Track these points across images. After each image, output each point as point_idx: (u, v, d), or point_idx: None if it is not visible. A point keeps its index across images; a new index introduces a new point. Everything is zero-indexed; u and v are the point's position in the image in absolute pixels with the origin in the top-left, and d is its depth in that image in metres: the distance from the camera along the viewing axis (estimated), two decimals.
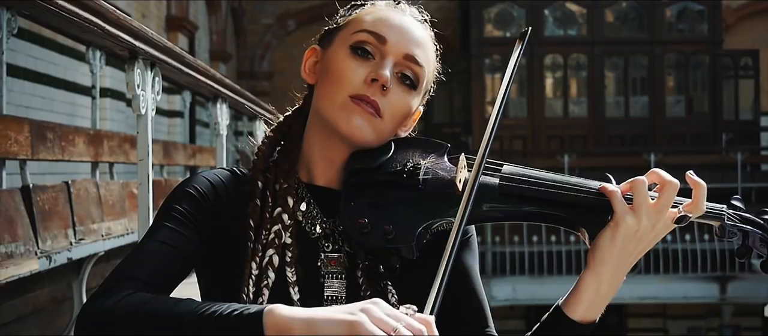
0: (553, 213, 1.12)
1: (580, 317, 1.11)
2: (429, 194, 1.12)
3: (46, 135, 3.80)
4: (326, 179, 1.20)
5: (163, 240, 1.10)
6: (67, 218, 3.68)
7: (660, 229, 1.10)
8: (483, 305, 1.21)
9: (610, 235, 1.09)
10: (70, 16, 1.81)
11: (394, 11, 1.21)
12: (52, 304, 4.01)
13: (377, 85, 1.14)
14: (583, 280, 1.12)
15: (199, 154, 7.79)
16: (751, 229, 1.13)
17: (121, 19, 2.16)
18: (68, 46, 6.72)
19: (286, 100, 1.17)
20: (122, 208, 4.45)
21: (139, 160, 2.61)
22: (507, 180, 1.12)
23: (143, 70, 2.44)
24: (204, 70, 3.44)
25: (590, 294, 1.11)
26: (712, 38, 13.01)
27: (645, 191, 1.08)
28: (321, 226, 1.17)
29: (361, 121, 1.15)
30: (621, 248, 1.09)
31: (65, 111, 6.91)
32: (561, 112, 13.09)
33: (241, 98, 4.47)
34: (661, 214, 1.08)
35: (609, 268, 1.10)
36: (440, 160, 1.18)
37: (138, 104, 2.45)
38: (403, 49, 1.17)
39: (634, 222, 1.08)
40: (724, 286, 10.89)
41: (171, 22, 10.20)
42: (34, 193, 3.35)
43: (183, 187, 1.18)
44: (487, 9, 12.88)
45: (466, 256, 1.22)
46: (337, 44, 1.20)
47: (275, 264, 1.12)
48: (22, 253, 3.13)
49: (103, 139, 4.75)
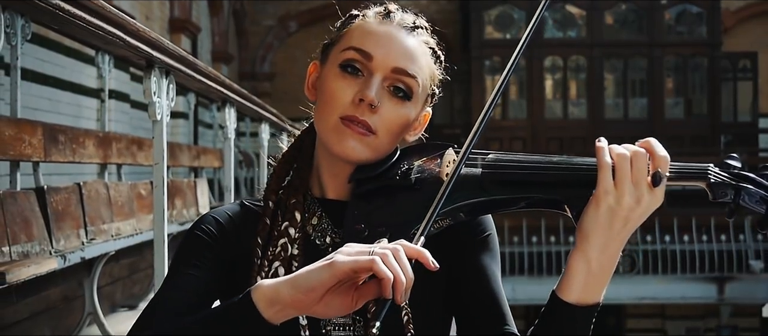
0: (537, 195, 1.10)
1: (576, 300, 1.06)
2: (421, 193, 1.13)
3: (58, 137, 3.91)
4: (337, 193, 1.22)
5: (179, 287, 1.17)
6: (79, 219, 3.78)
7: (648, 203, 1.04)
8: (501, 303, 1.20)
9: (593, 213, 1.05)
10: (95, 29, 1.91)
11: (382, 23, 1.20)
12: (63, 302, 4.11)
13: (364, 104, 1.14)
14: (572, 260, 1.07)
15: (203, 155, 7.88)
16: (743, 186, 1.04)
17: (141, 31, 2.26)
18: (74, 48, 6.82)
19: (287, 101, 1.23)
20: (131, 209, 4.55)
21: (154, 164, 2.71)
22: (489, 167, 1.11)
23: (159, 78, 2.54)
24: (214, 77, 3.55)
25: (581, 275, 1.06)
26: (710, 41, 13.07)
27: (627, 167, 1.03)
28: (330, 237, 1.20)
29: (353, 143, 1.15)
30: (606, 226, 1.05)
31: (71, 113, 7.00)
32: (560, 113, 13.17)
33: (247, 102, 4.57)
34: (640, 187, 1.03)
35: (596, 247, 1.05)
36: (436, 158, 1.18)
37: (154, 110, 2.55)
38: (391, 63, 1.16)
39: (614, 199, 1.04)
40: (722, 287, 10.95)
41: (174, 24, 10.29)
42: (48, 194, 3.45)
43: (192, 231, 1.22)
44: (488, 11, 12.96)
45: (483, 256, 1.22)
46: (330, 62, 1.20)
47: (280, 276, 1.14)
48: (38, 253, 3.23)
49: (112, 142, 4.85)
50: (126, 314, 4.98)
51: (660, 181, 1.03)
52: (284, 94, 13.51)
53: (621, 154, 1.04)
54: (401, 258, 0.94)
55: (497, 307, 1.19)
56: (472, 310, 1.19)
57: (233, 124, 4.18)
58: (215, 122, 9.24)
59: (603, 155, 1.05)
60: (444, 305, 1.21)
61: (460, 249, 1.21)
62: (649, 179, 1.03)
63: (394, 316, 1.13)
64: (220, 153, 8.62)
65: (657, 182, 1.03)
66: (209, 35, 12.39)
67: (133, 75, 8.03)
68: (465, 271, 1.20)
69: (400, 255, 0.94)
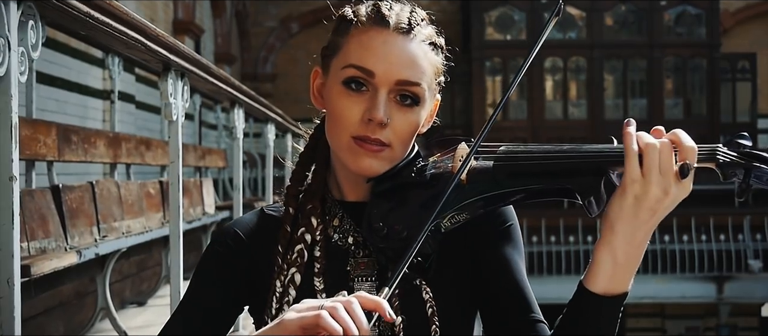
0: (550, 186, 1.09)
1: (603, 290, 1.05)
2: (436, 189, 1.13)
3: (71, 138, 4.01)
4: (356, 194, 1.22)
5: (199, 301, 1.21)
6: (92, 216, 3.88)
7: (676, 194, 1.02)
8: (527, 292, 1.19)
9: (619, 202, 1.03)
10: (119, 35, 2.01)
11: (378, 32, 1.15)
12: (75, 298, 4.21)
13: (373, 124, 1.13)
14: (598, 250, 1.06)
15: (208, 155, 7.98)
16: (754, 165, 1.02)
17: (160, 36, 2.36)
18: (80, 50, 6.91)
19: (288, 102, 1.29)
20: (140, 208, 4.65)
21: (170, 162, 2.82)
22: (501, 159, 1.11)
23: (175, 81, 2.65)
24: (225, 78, 3.65)
25: (607, 265, 1.05)
26: (710, 42, 13.15)
27: (655, 156, 1.01)
28: (352, 237, 1.20)
29: (369, 161, 1.15)
30: (632, 216, 1.03)
31: (78, 113, 7.09)
32: (561, 114, 13.26)
33: (255, 103, 4.68)
34: (668, 177, 1.01)
35: (622, 237, 1.04)
36: (450, 154, 1.17)
37: (170, 112, 2.66)
38: (394, 77, 1.13)
39: (641, 188, 1.01)
40: (721, 286, 11.03)
41: (178, 26, 10.37)
42: (63, 192, 3.55)
43: (213, 244, 1.24)
44: (488, 12, 13.06)
45: (506, 247, 1.21)
46: (332, 76, 1.18)
47: (297, 282, 1.16)
48: (54, 249, 3.34)
49: (122, 142, 4.96)
50: (135, 310, 5.09)
51: (688, 172, 1.01)
52: (286, 95, 13.61)
53: (650, 143, 1.01)
54: (354, 310, 0.92)
55: (523, 296, 1.18)
56: (498, 300, 1.18)
57: (242, 125, 4.28)
58: (219, 123, 9.34)
59: (631, 142, 1.02)
60: (468, 298, 1.21)
61: (483, 240, 1.20)
62: (677, 169, 1.01)
63: (419, 309, 1.15)
64: (225, 153, 8.74)
65: (685, 173, 1.01)
66: (212, 37, 12.50)
67: (139, 76, 8.13)
68: (489, 262, 1.20)
69: (352, 307, 0.92)
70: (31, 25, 1.66)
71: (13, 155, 1.64)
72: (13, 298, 1.62)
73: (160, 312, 4.81)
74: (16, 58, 1.58)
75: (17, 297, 1.64)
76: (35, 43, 1.72)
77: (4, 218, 1.61)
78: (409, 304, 1.15)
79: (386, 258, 1.14)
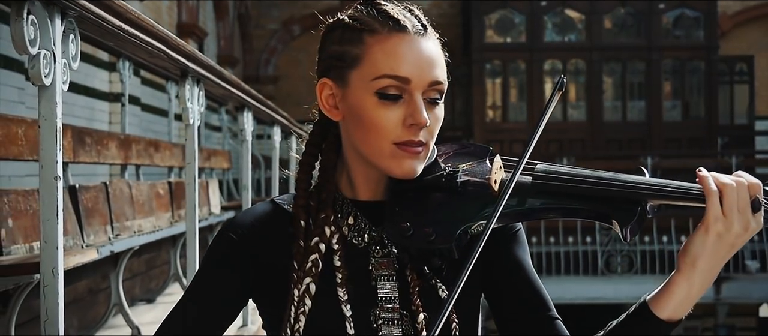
0: (586, 208, 1.14)
1: (668, 317, 1.14)
2: (467, 196, 1.17)
3: (85, 139, 4.15)
4: (370, 194, 1.24)
5: (206, 289, 1.23)
6: (106, 215, 4.02)
7: (754, 229, 1.10)
8: (541, 291, 1.25)
9: (702, 238, 1.11)
10: (145, 45, 2.15)
11: (401, 38, 1.16)
12: (89, 294, 4.35)
13: (416, 127, 1.16)
14: (675, 282, 1.14)
15: (213, 156, 8.12)
16: None
17: (180, 45, 2.50)
18: (87, 53, 7.04)
19: (290, 104, 1.38)
20: (150, 207, 4.79)
21: (186, 163, 2.95)
22: (540, 178, 1.15)
23: (192, 86, 2.79)
24: (236, 83, 3.79)
25: (680, 296, 1.13)
26: (708, 44, 13.22)
27: (734, 195, 1.09)
28: (368, 235, 1.22)
29: (413, 163, 1.17)
30: (713, 251, 1.10)
31: (85, 115, 7.22)
32: (560, 116, 13.33)
33: (263, 107, 4.81)
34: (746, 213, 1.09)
35: (702, 272, 1.12)
36: (480, 162, 1.22)
37: (187, 116, 2.79)
38: (427, 79, 1.16)
39: (724, 226, 1.09)
40: (718, 287, 11.06)
41: (182, 28, 10.48)
42: (79, 192, 3.69)
43: (224, 231, 1.25)
44: (488, 15, 13.15)
45: (516, 250, 1.26)
46: (358, 88, 1.17)
47: (312, 291, 1.17)
48: (71, 246, 3.47)
49: (132, 143, 5.10)
50: (145, 307, 5.23)
51: (760, 206, 1.10)
52: (288, 97, 13.72)
53: (727, 183, 1.09)
54: None
55: (538, 294, 1.24)
56: (515, 300, 1.24)
57: (251, 127, 4.41)
58: (223, 125, 9.47)
59: (709, 184, 1.10)
60: (477, 301, 1.26)
61: (495, 246, 1.24)
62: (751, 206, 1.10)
63: (436, 308, 1.15)
64: (229, 155, 8.87)
65: (757, 208, 1.09)
66: (215, 39, 12.62)
67: (144, 79, 8.27)
68: (502, 265, 1.25)
69: None
70: (71, 38, 1.81)
71: (58, 157, 1.78)
72: (57, 286, 1.77)
73: (169, 309, 4.94)
74: (60, 68, 1.72)
75: (61, 285, 1.79)
76: (74, 55, 1.86)
77: (50, 214, 1.76)
78: (428, 304, 1.19)
79: (410, 257, 1.18)
